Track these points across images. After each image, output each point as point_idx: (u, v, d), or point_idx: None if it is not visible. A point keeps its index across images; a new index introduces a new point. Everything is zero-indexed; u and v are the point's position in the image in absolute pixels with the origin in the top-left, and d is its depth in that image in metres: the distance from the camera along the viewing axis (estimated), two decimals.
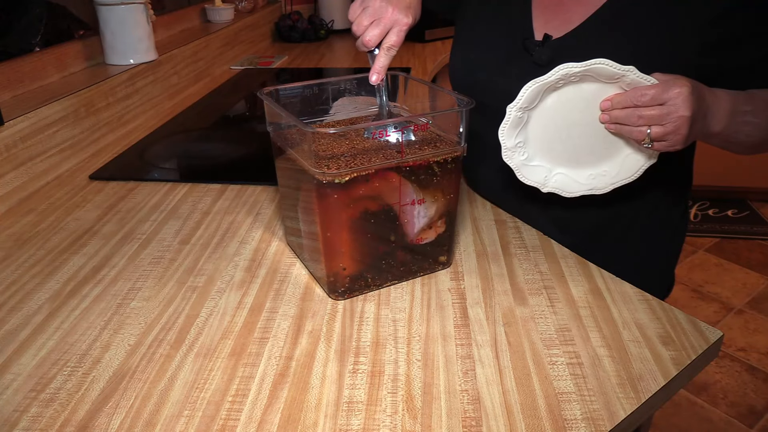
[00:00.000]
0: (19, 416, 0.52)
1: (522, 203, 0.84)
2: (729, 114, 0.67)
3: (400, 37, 0.68)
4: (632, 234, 0.86)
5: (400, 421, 0.51)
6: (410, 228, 0.66)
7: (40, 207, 0.91)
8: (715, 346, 0.60)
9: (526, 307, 0.65)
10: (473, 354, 0.58)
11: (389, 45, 0.67)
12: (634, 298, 0.66)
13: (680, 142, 0.64)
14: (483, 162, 0.86)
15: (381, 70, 0.67)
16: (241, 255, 0.76)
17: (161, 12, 1.65)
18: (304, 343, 0.60)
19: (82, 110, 1.12)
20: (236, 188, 0.96)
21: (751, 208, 2.71)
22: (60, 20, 1.26)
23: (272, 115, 0.71)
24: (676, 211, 0.88)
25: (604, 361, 0.57)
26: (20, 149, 0.96)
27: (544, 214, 0.84)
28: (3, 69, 1.06)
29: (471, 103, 0.64)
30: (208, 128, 1.30)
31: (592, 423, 0.50)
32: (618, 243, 0.86)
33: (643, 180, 0.71)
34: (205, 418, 0.51)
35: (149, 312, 0.66)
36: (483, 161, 0.86)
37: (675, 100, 0.61)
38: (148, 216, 0.87)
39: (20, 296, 0.69)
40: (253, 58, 1.91)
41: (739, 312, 2.04)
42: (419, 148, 0.65)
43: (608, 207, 0.82)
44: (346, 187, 0.61)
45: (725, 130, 0.68)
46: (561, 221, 0.84)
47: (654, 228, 0.87)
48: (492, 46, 0.83)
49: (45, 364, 0.58)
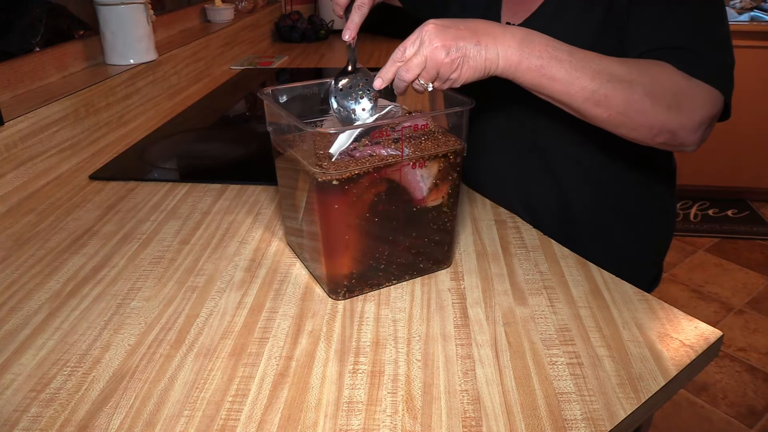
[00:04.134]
0: (19, 416, 0.52)
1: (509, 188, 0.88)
2: (534, 44, 0.64)
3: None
4: (618, 221, 0.87)
5: (400, 421, 0.51)
6: (417, 191, 0.66)
7: (40, 207, 0.91)
8: (715, 346, 0.60)
9: (526, 307, 0.65)
10: (473, 354, 0.58)
11: (359, 3, 0.71)
12: (634, 298, 0.66)
13: (460, 69, 0.62)
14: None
15: (352, 26, 0.71)
16: (241, 255, 0.76)
17: (161, 12, 1.65)
18: (304, 343, 0.60)
19: (82, 110, 1.12)
20: (236, 188, 0.96)
21: (751, 208, 2.71)
22: (60, 20, 1.26)
23: (272, 115, 0.71)
24: (657, 200, 0.89)
25: (604, 361, 0.57)
26: (20, 149, 0.96)
27: (518, 193, 0.88)
28: (3, 69, 1.06)
29: (471, 102, 0.64)
30: (208, 128, 1.30)
31: (592, 423, 0.50)
32: (602, 230, 0.87)
33: (629, 167, 0.71)
34: (205, 418, 0.51)
35: (149, 312, 0.66)
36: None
37: (425, 36, 0.62)
38: (148, 216, 0.87)
39: (20, 296, 0.69)
40: (253, 58, 1.91)
41: (739, 312, 2.04)
42: (419, 147, 0.65)
43: (596, 194, 0.84)
44: (346, 186, 0.61)
45: (526, 59, 0.63)
46: (539, 202, 0.87)
47: (639, 216, 0.88)
48: None
49: (45, 364, 0.58)
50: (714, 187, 2.73)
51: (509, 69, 0.63)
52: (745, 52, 2.41)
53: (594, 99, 0.64)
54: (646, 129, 0.66)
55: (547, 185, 0.86)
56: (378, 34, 2.18)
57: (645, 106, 0.64)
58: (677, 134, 0.66)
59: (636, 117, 0.65)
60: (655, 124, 0.65)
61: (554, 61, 0.63)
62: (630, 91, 0.64)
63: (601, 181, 0.84)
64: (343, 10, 0.73)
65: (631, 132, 0.67)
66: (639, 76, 0.65)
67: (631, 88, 0.64)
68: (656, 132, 0.66)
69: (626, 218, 0.87)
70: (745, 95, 2.51)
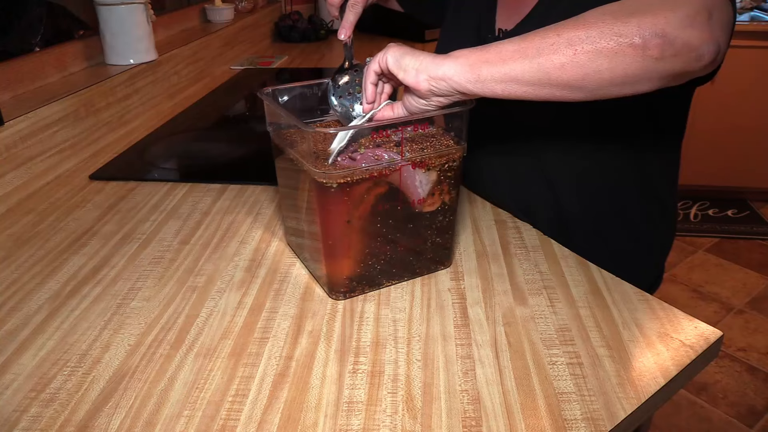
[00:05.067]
0: (19, 416, 0.52)
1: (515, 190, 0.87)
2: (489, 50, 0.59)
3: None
4: (617, 224, 0.86)
5: (400, 421, 0.51)
6: (417, 192, 0.66)
7: (40, 207, 0.91)
8: (715, 346, 0.60)
9: (526, 307, 0.65)
10: (473, 354, 0.58)
11: (353, 2, 0.73)
12: (634, 298, 0.66)
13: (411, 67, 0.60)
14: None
15: (347, 24, 0.72)
16: (241, 255, 0.76)
17: (161, 12, 1.65)
18: (304, 343, 0.60)
19: (82, 110, 1.12)
20: (236, 188, 0.96)
21: (751, 208, 2.71)
22: (60, 20, 1.26)
23: (272, 115, 0.71)
24: (657, 204, 0.88)
25: (604, 361, 0.57)
26: (20, 149, 0.96)
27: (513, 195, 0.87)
28: (3, 69, 1.06)
29: (472, 103, 0.64)
30: (208, 128, 1.30)
31: (592, 423, 0.50)
32: (601, 233, 0.86)
33: (632, 167, 0.70)
34: (205, 418, 0.51)
35: (149, 312, 0.66)
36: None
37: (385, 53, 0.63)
38: (148, 216, 0.87)
39: (20, 296, 0.69)
40: (253, 58, 1.91)
41: (739, 312, 2.04)
42: (419, 148, 0.65)
43: (598, 192, 0.83)
44: (346, 188, 0.61)
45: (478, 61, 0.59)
46: (536, 207, 0.86)
47: (639, 219, 0.87)
48: (462, 44, 0.85)
49: (45, 364, 0.58)
50: (714, 187, 2.73)
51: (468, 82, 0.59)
52: (745, 52, 2.41)
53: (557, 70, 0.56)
54: (629, 48, 0.53)
55: (543, 190, 0.85)
56: (377, 34, 2.18)
57: (608, 26, 0.54)
58: (668, 35, 0.52)
59: (608, 45, 0.53)
60: (632, 34, 0.53)
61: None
62: (585, 29, 0.55)
63: (598, 185, 0.83)
64: (337, 10, 0.74)
65: (625, 61, 0.54)
66: (582, 19, 0.56)
67: (586, 26, 0.55)
68: (644, 45, 0.52)
69: (625, 221, 0.87)
70: (745, 95, 2.52)
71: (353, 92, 0.72)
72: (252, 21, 2.09)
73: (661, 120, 0.81)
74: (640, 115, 0.79)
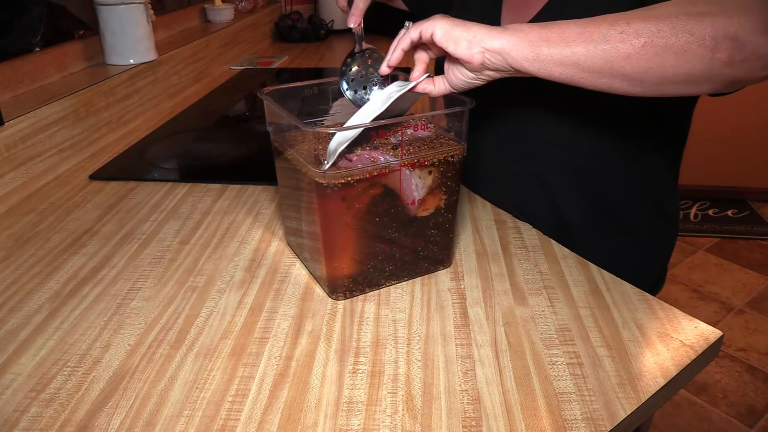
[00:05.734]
0: (19, 416, 0.52)
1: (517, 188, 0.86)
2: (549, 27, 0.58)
3: None
4: (620, 224, 0.86)
5: (400, 421, 0.51)
6: (416, 193, 0.66)
7: (40, 207, 0.91)
8: (715, 346, 0.60)
9: (526, 307, 0.65)
10: (473, 354, 0.58)
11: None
12: (634, 298, 0.66)
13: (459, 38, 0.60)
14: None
15: (357, 11, 0.72)
16: (241, 255, 0.76)
17: (161, 12, 1.65)
18: (304, 343, 0.60)
19: (82, 110, 1.12)
20: (236, 188, 0.96)
21: (751, 208, 2.71)
22: (60, 20, 1.26)
23: (272, 115, 0.71)
24: (659, 206, 0.88)
25: (604, 361, 0.57)
26: (20, 149, 0.96)
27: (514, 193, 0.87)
28: (3, 69, 1.06)
29: (471, 102, 0.64)
30: (208, 128, 1.30)
31: (592, 423, 0.50)
32: (601, 236, 0.86)
33: (632, 168, 0.69)
34: (205, 418, 0.51)
35: (149, 312, 0.66)
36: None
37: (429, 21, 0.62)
38: (148, 216, 0.87)
39: (20, 296, 0.69)
40: (253, 58, 1.91)
41: (739, 312, 2.04)
42: (419, 148, 0.65)
43: (598, 196, 0.83)
44: (346, 186, 0.61)
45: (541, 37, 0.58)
46: (535, 210, 0.85)
47: (642, 220, 0.87)
48: None
49: (45, 364, 0.58)
50: (714, 187, 2.73)
51: (524, 61, 0.58)
52: None
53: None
54: (699, 48, 0.52)
55: (542, 193, 0.85)
56: (377, 34, 2.17)
57: (682, 22, 0.52)
58: (740, 39, 0.51)
59: (681, 42, 0.52)
60: (704, 34, 0.51)
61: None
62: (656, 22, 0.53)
63: (597, 188, 0.83)
64: (346, 0, 0.74)
65: (692, 60, 0.53)
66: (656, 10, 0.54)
67: (658, 19, 0.53)
68: (714, 46, 0.51)
69: (626, 224, 0.86)
70: (745, 95, 2.51)
71: (366, 75, 0.73)
72: (252, 21, 2.09)
73: (665, 124, 0.81)
74: (644, 118, 0.78)
